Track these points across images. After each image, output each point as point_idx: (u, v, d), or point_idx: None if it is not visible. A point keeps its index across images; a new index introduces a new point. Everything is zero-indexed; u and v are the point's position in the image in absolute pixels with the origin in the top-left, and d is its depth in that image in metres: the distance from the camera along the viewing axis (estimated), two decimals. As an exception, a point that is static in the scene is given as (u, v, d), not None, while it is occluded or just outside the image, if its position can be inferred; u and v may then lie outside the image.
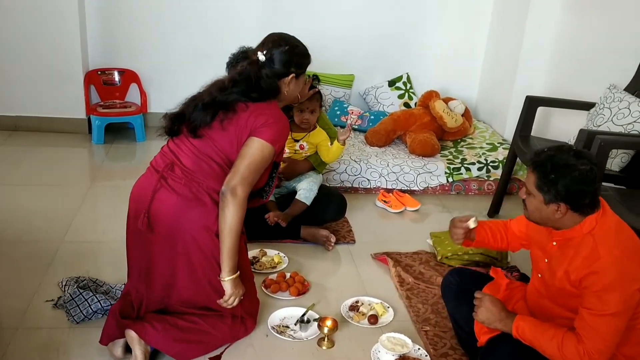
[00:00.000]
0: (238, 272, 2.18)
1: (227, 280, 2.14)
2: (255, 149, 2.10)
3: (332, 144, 3.16)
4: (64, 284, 2.53)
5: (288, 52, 2.22)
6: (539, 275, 1.99)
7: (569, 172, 1.73)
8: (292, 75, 2.24)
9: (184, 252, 2.14)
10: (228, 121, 2.12)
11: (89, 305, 2.33)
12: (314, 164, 3.23)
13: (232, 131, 2.12)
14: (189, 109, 2.17)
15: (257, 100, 2.16)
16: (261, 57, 2.19)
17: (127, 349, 2.12)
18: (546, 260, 1.93)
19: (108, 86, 4.60)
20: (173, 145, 2.21)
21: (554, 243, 1.90)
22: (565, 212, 1.78)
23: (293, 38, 2.30)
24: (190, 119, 2.15)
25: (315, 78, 3.39)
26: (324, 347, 2.32)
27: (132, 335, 2.07)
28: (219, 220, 2.09)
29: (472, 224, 2.11)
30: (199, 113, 2.13)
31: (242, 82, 2.16)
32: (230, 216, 2.06)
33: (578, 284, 1.79)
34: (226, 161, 2.15)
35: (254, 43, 3.09)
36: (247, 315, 2.33)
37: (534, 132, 3.52)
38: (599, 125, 3.11)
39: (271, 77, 2.19)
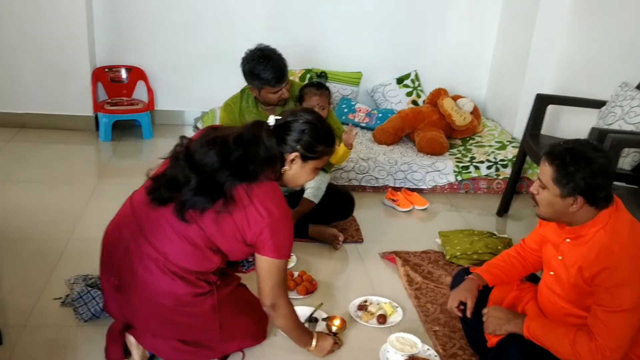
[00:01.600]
0: (315, 335, 2.21)
1: (312, 349, 2.20)
2: (269, 269, 1.98)
3: (339, 143, 3.13)
4: (71, 282, 2.52)
5: (302, 126, 2.01)
6: (551, 273, 1.98)
7: (588, 164, 1.72)
8: (297, 154, 2.01)
9: (158, 314, 2.02)
10: (224, 216, 1.91)
11: (97, 304, 2.33)
12: (323, 164, 3.21)
13: (227, 229, 1.93)
14: (184, 178, 1.92)
15: (253, 174, 1.92)
16: (271, 121, 2.00)
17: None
18: (560, 258, 1.92)
19: (115, 83, 4.60)
20: (150, 213, 1.98)
21: (567, 240, 1.88)
22: (582, 205, 1.77)
23: (321, 118, 2.09)
24: (184, 200, 1.91)
25: (323, 75, 3.38)
26: None
27: (130, 340, 2.07)
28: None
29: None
30: (196, 197, 1.89)
31: (245, 145, 1.94)
32: (284, 325, 2.13)
33: (591, 280, 1.78)
34: (211, 246, 1.97)
35: (260, 41, 3.10)
36: (257, 334, 2.28)
37: (543, 131, 3.49)
38: (610, 124, 3.08)
39: (273, 147, 1.96)
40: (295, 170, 2.05)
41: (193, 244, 1.95)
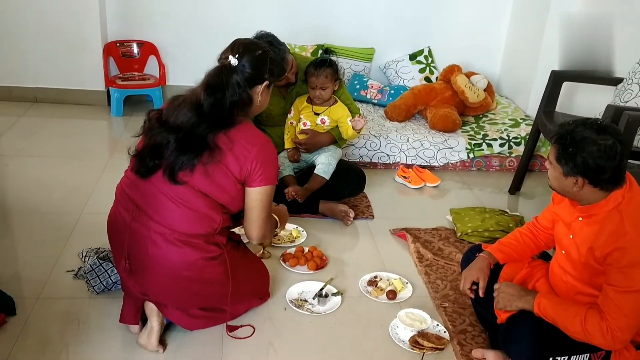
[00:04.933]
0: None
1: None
2: (258, 197, 2.05)
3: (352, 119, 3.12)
4: (84, 254, 2.55)
5: (262, 57, 2.06)
6: (563, 252, 1.97)
7: (587, 146, 1.72)
8: (266, 83, 2.08)
9: (175, 287, 2.05)
10: (213, 165, 1.94)
11: (109, 276, 2.35)
12: (336, 136, 3.20)
13: (220, 179, 1.97)
14: (163, 140, 1.93)
15: (230, 121, 1.98)
16: (233, 60, 2.00)
17: (143, 323, 2.14)
18: (571, 236, 1.91)
19: (127, 58, 4.59)
20: (141, 189, 2.00)
21: (580, 219, 1.88)
22: (583, 185, 1.77)
23: (264, 44, 2.18)
24: (171, 162, 1.93)
25: (327, 51, 3.34)
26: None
27: (151, 307, 2.08)
28: None
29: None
30: (181, 156, 1.91)
31: (216, 91, 1.95)
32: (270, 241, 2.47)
33: (603, 260, 1.78)
34: (210, 205, 1.99)
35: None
36: (261, 292, 2.37)
37: (558, 108, 3.45)
38: (627, 101, 3.03)
39: (242, 86, 1.99)
40: (264, 98, 2.12)
41: (192, 207, 1.97)
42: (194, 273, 2.02)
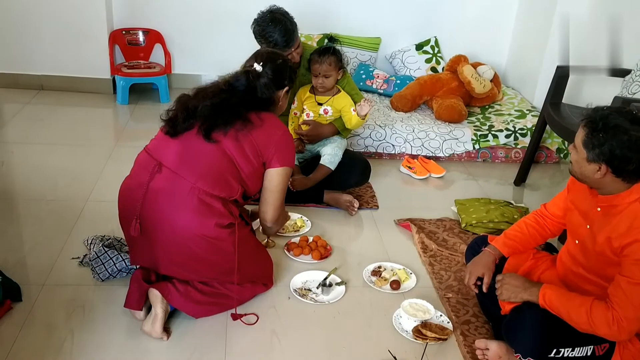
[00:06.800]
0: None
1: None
2: (278, 179, 2.20)
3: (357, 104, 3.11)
4: (89, 242, 2.56)
5: (283, 65, 2.29)
6: (576, 242, 1.96)
7: (617, 134, 1.69)
8: (286, 88, 2.30)
9: (183, 251, 2.09)
10: (244, 134, 2.09)
11: (114, 264, 2.36)
12: (339, 128, 3.19)
13: (247, 148, 2.10)
14: (198, 104, 2.10)
15: (259, 106, 2.18)
16: (258, 67, 2.22)
17: (148, 310, 2.15)
18: (588, 227, 1.89)
19: (132, 46, 4.58)
20: (170, 146, 2.11)
21: (599, 209, 1.86)
22: (605, 174, 1.75)
23: (282, 54, 2.40)
24: (207, 120, 2.07)
25: (331, 39, 3.33)
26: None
27: (155, 293, 2.10)
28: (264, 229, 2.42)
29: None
30: (215, 117, 2.07)
31: (240, 91, 2.17)
32: (275, 230, 2.43)
33: (620, 251, 1.76)
34: (233, 172, 2.10)
35: (278, 5, 3.06)
36: (265, 278, 2.38)
37: (565, 99, 3.43)
38: (634, 93, 3.01)
39: (270, 88, 2.21)
40: (283, 102, 2.32)
41: (217, 168, 2.07)
42: (205, 237, 2.04)
